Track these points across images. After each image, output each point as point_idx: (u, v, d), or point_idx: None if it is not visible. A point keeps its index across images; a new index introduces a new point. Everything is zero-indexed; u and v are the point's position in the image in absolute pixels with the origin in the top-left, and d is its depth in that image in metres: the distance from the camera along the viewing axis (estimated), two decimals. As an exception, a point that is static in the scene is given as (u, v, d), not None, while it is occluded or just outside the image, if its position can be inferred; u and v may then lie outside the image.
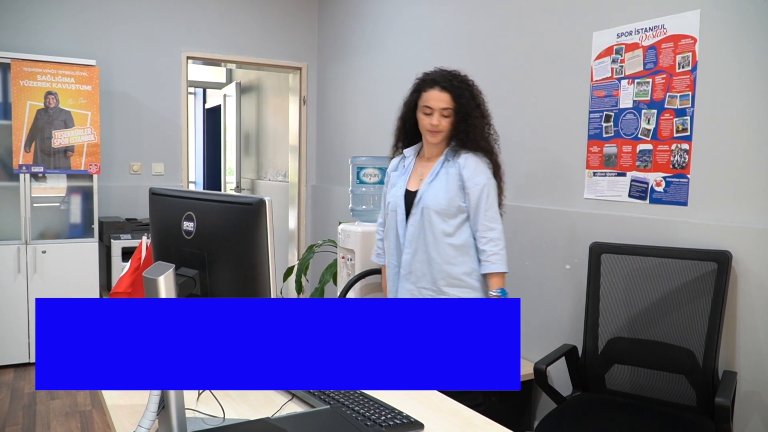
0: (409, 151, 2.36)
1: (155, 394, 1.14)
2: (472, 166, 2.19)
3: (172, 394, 1.14)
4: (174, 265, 1.12)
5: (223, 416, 1.30)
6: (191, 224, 1.18)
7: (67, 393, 3.53)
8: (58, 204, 4.18)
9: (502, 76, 3.18)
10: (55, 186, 4.15)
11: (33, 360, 3.97)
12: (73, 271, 4.04)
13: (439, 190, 2.20)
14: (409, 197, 2.29)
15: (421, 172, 2.30)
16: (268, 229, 1.06)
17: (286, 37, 5.24)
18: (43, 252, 3.97)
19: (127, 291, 1.71)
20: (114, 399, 1.44)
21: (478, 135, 2.20)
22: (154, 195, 1.30)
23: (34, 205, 4.04)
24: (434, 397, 1.49)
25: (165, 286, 1.11)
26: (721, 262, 2.05)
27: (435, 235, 2.20)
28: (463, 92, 2.17)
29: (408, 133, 2.35)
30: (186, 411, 1.27)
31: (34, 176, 3.99)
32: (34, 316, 3.95)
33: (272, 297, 1.08)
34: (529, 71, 2.99)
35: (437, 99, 2.17)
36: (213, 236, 1.15)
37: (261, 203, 1.06)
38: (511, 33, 3.11)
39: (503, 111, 3.16)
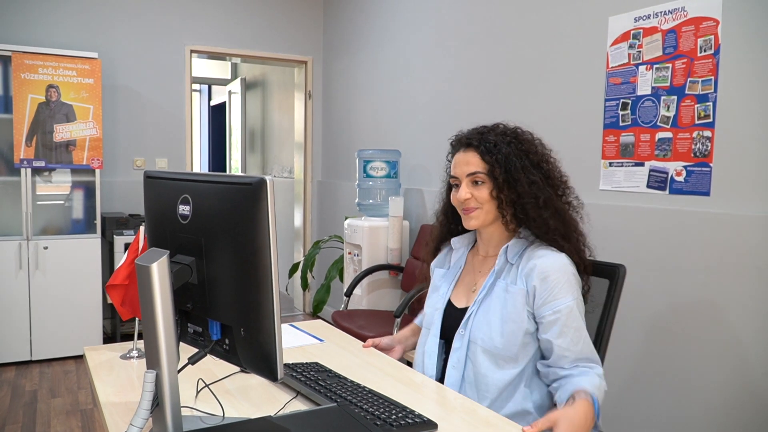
0: (459, 242, 1.64)
1: (148, 391, 1.05)
2: (551, 279, 1.39)
3: (166, 390, 1.06)
4: (168, 252, 1.03)
5: (222, 414, 1.22)
6: (187, 208, 1.09)
7: (69, 390, 3.47)
8: (62, 202, 4.11)
9: (513, 65, 3.09)
10: (60, 185, 4.08)
11: (34, 357, 3.91)
12: (75, 267, 3.98)
13: (494, 317, 1.45)
14: (453, 316, 1.55)
15: (474, 278, 1.57)
16: (270, 211, 0.97)
17: (292, 31, 5.16)
18: (45, 248, 3.90)
19: (123, 283, 1.63)
20: (108, 396, 1.36)
21: (541, 206, 1.43)
22: (149, 178, 1.22)
23: (38, 202, 3.98)
24: (448, 394, 1.40)
25: (158, 274, 1.02)
26: (612, 278, 1.55)
27: (477, 386, 1.46)
28: (499, 146, 1.47)
29: (452, 232, 1.66)
30: (183, 409, 1.19)
31: (36, 173, 3.93)
32: (36, 313, 3.89)
33: (273, 285, 0.99)
34: (541, 59, 2.90)
35: (462, 162, 1.50)
36: (210, 220, 1.06)
37: (261, 183, 0.97)
38: (522, 20, 3.01)
39: (515, 101, 3.07)
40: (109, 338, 4.32)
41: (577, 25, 2.69)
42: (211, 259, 1.07)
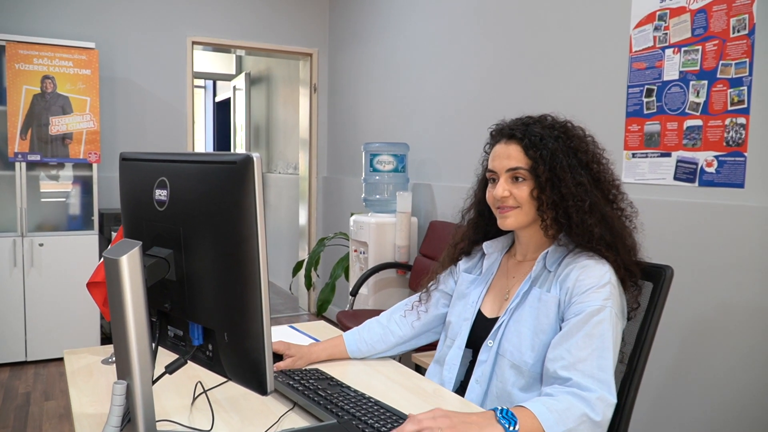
0: (492, 246, 1.46)
1: (118, 405, 0.91)
2: (586, 283, 1.22)
3: (139, 403, 0.91)
4: (140, 243, 0.89)
5: (210, 428, 1.07)
6: (164, 192, 0.95)
7: (63, 393, 3.33)
8: (59, 198, 3.98)
9: (528, 51, 2.92)
10: (57, 179, 3.95)
11: (29, 358, 3.78)
12: (72, 265, 3.84)
13: (525, 329, 1.28)
14: (481, 325, 1.38)
15: (507, 284, 1.41)
16: (257, 194, 0.82)
17: (297, 22, 5.01)
18: (41, 245, 3.77)
19: (105, 281, 1.49)
20: (83, 406, 1.21)
21: (586, 210, 1.25)
22: (125, 161, 1.07)
23: (34, 198, 3.85)
24: (464, 406, 1.25)
25: (129, 269, 0.88)
26: (658, 281, 1.33)
27: (501, 403, 1.27)
28: (545, 141, 1.29)
29: (489, 231, 1.47)
30: (160, 423, 1.05)
31: (32, 167, 3.80)
32: (31, 313, 3.76)
33: (262, 282, 0.84)
34: (558, 45, 2.73)
35: (502, 155, 1.32)
36: (190, 206, 0.92)
37: (248, 161, 0.82)
38: (537, 4, 2.85)
39: (530, 89, 2.91)
40: (107, 338, 4.19)
41: (596, 6, 2.53)
42: (190, 251, 0.92)
